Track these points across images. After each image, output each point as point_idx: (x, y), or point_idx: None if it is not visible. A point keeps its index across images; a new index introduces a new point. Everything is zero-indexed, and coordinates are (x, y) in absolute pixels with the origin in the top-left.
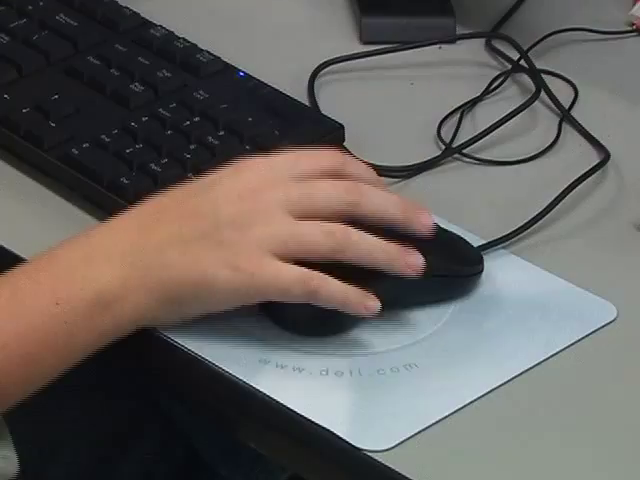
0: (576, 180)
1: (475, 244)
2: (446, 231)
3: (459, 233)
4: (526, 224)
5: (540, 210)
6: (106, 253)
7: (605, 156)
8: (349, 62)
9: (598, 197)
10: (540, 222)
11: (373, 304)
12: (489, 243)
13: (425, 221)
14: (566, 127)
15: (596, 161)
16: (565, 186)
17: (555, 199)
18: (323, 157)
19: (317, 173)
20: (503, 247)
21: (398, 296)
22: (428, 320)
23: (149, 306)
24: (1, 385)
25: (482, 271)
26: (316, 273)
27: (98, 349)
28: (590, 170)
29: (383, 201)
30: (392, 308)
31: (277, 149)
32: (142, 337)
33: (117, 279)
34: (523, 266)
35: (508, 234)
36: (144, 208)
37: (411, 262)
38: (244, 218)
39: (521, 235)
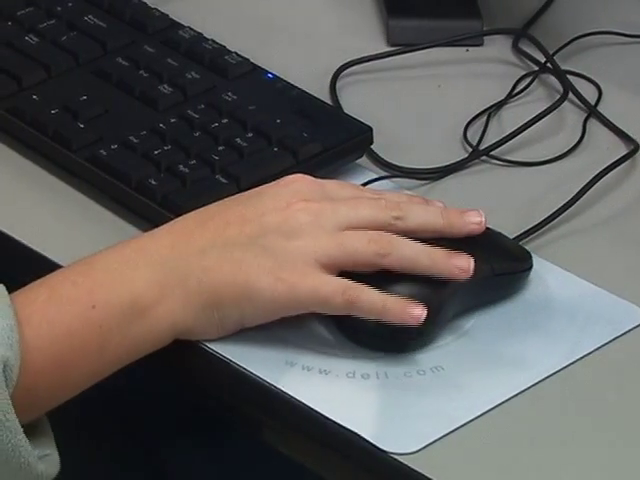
0: (601, 172)
1: None
2: (488, 228)
3: None
4: (546, 219)
5: (562, 204)
6: (146, 257)
7: (634, 147)
8: (375, 63)
9: (626, 193)
10: (566, 220)
11: (418, 311)
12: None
13: (475, 219)
14: (592, 127)
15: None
16: (600, 184)
17: (579, 192)
18: (365, 188)
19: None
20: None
21: (462, 299)
22: (454, 323)
23: (186, 313)
24: (34, 388)
25: (532, 265)
26: (356, 283)
27: (132, 357)
28: (618, 161)
29: (424, 213)
30: (457, 312)
31: (306, 150)
32: None
33: (155, 283)
34: (549, 269)
35: (528, 230)
36: (190, 216)
37: (460, 265)
38: (291, 227)
39: (542, 231)
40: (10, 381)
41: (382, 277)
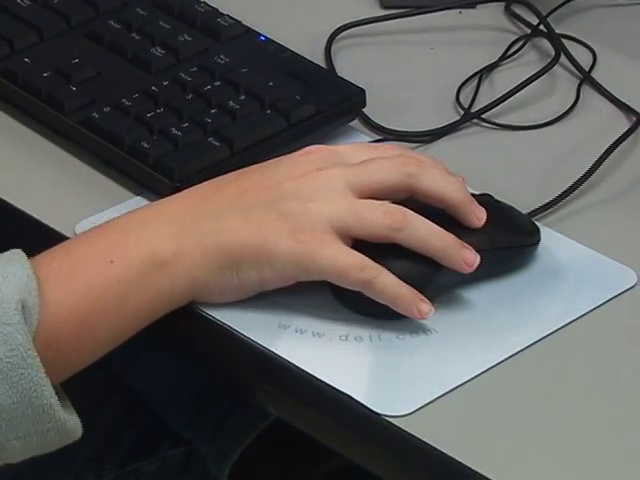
0: (612, 145)
1: None
2: (499, 202)
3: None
4: (563, 193)
5: (577, 178)
6: (163, 217)
7: (637, 119)
8: (368, 26)
9: (619, 159)
10: (561, 186)
11: (426, 308)
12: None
13: (479, 214)
14: (585, 92)
15: (618, 124)
16: (589, 150)
17: (592, 167)
18: (385, 147)
19: None
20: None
21: (454, 275)
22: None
23: (204, 271)
24: (56, 342)
25: (539, 241)
26: (375, 264)
27: (153, 315)
28: (626, 133)
29: (442, 178)
30: (455, 285)
31: (298, 113)
32: None
33: (173, 240)
34: (542, 232)
35: (545, 204)
36: (206, 183)
37: (467, 258)
38: (306, 192)
39: (536, 195)
40: (30, 325)
41: (373, 245)
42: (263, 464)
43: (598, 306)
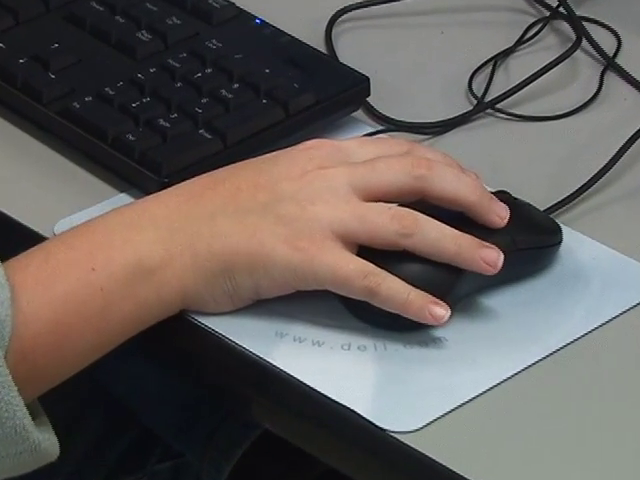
0: (634, 135)
1: None
2: (516, 199)
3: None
4: (580, 189)
5: (595, 173)
6: (151, 218)
7: None
8: (372, 8)
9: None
10: (580, 181)
11: (440, 311)
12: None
13: (501, 213)
14: (609, 79)
15: None
16: (613, 142)
17: (611, 159)
18: (392, 142)
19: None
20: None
21: (475, 280)
22: None
23: (195, 277)
24: (31, 354)
25: (562, 240)
26: (379, 269)
27: (139, 325)
28: None
29: (454, 179)
30: (477, 290)
31: (297, 102)
32: None
33: (161, 244)
34: (564, 232)
35: (561, 201)
36: (198, 179)
37: (487, 257)
38: (306, 193)
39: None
40: (2, 339)
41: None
42: (263, 465)
43: (624, 311)
